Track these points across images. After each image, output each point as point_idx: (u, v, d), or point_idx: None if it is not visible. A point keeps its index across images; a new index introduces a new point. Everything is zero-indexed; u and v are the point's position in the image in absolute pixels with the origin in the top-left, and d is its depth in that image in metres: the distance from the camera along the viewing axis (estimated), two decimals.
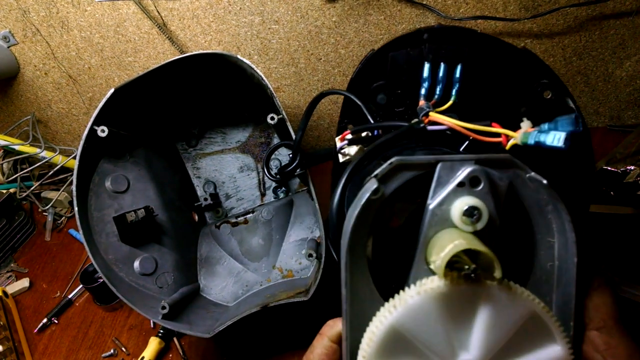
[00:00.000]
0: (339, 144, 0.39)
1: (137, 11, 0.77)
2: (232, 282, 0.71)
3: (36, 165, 0.92)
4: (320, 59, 0.80)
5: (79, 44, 0.83)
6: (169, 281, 0.65)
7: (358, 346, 0.24)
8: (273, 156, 0.79)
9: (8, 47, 0.84)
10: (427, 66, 0.36)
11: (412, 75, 0.37)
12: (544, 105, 0.36)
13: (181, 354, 0.67)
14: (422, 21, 0.74)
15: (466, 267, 0.21)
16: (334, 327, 0.28)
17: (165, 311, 0.56)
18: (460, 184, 0.23)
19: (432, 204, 0.23)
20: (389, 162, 0.25)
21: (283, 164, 0.77)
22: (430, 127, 0.31)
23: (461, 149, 0.31)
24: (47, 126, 0.98)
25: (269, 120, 0.61)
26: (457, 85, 0.35)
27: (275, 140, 0.79)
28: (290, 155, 0.58)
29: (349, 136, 0.38)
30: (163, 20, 0.78)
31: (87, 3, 0.77)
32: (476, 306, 0.22)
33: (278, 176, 0.61)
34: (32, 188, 0.95)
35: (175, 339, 0.69)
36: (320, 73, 0.83)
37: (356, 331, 0.24)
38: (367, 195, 0.24)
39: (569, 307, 0.24)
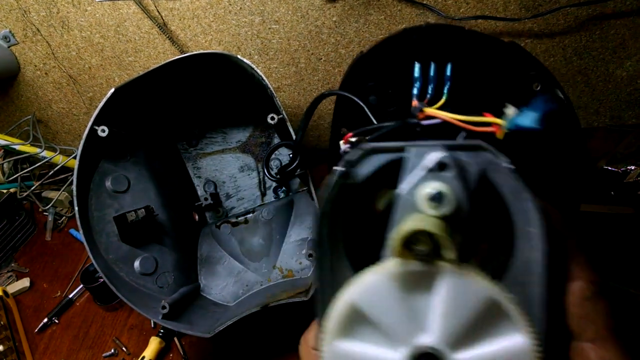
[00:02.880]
0: (342, 147, 0.39)
1: (138, 11, 0.77)
2: (232, 282, 0.71)
3: (37, 165, 0.92)
4: (321, 58, 0.80)
5: (79, 44, 0.83)
6: (169, 281, 0.65)
7: None
8: (273, 156, 0.79)
9: (8, 47, 0.84)
10: (417, 66, 0.36)
11: (401, 75, 0.37)
12: (533, 97, 0.36)
13: (182, 353, 0.67)
14: (422, 21, 0.74)
15: (420, 247, 0.21)
16: None
17: (166, 311, 0.56)
18: (427, 169, 0.23)
19: (401, 189, 0.23)
20: (359, 147, 0.25)
21: (283, 163, 0.77)
22: (424, 122, 0.32)
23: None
24: (47, 126, 0.98)
25: (269, 120, 0.61)
26: (449, 84, 0.36)
27: (276, 140, 0.79)
28: (291, 155, 0.58)
29: (352, 139, 0.38)
30: (163, 20, 0.78)
31: (88, 3, 0.77)
32: (433, 289, 0.22)
33: (278, 176, 0.61)
34: (32, 188, 0.95)
35: (175, 339, 0.69)
36: (321, 73, 0.82)
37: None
38: (334, 178, 0.25)
39: (537, 306, 0.22)
